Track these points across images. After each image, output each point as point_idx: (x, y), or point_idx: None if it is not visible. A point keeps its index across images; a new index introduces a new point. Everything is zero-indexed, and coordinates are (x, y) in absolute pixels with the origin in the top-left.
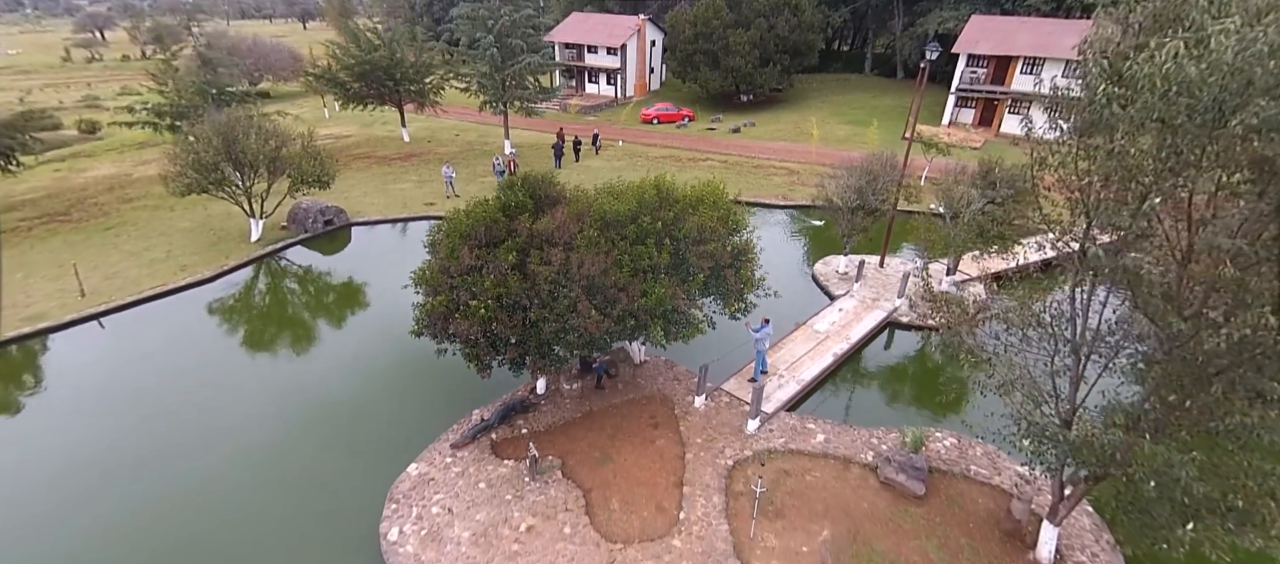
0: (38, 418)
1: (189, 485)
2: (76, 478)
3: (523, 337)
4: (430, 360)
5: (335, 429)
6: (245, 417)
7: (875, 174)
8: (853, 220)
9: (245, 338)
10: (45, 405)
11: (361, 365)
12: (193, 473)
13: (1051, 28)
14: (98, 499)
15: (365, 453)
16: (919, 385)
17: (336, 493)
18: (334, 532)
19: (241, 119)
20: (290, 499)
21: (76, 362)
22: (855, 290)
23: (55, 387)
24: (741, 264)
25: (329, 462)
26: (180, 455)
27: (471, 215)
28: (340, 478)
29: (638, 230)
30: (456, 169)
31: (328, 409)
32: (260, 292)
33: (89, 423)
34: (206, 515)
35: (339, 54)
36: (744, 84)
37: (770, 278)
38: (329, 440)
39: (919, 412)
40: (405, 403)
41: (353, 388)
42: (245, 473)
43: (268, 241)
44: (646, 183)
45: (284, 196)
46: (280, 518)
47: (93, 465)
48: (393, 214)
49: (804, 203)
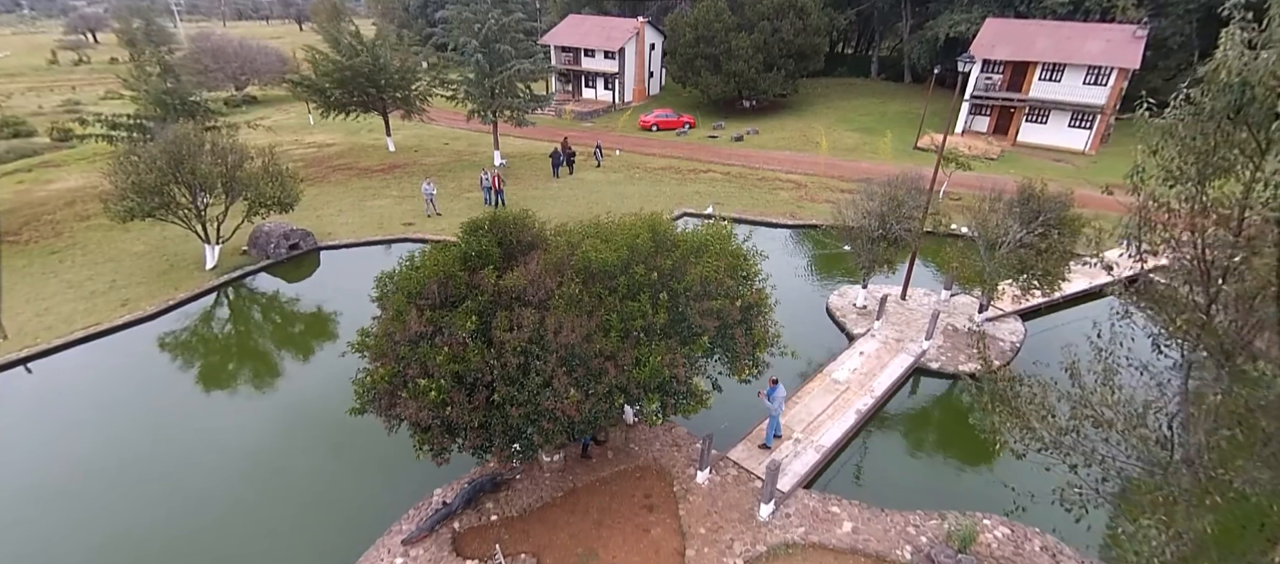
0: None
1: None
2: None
3: (486, 419)
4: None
5: (264, 515)
6: (149, 499)
7: (899, 198)
8: (875, 251)
9: (176, 389)
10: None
11: (305, 426)
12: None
13: (1072, 32)
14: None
15: (298, 551)
16: (957, 448)
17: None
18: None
19: (190, 136)
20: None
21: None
22: (876, 329)
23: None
24: (753, 320)
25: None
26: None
27: (423, 269)
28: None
29: (629, 283)
30: (443, 182)
31: (259, 487)
32: (208, 330)
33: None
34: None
35: (316, 60)
36: (747, 89)
37: (779, 311)
38: (252, 535)
39: (959, 482)
40: (353, 477)
41: (291, 458)
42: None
43: (224, 269)
44: (639, 223)
45: (243, 220)
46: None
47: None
48: (366, 235)
49: (814, 222)
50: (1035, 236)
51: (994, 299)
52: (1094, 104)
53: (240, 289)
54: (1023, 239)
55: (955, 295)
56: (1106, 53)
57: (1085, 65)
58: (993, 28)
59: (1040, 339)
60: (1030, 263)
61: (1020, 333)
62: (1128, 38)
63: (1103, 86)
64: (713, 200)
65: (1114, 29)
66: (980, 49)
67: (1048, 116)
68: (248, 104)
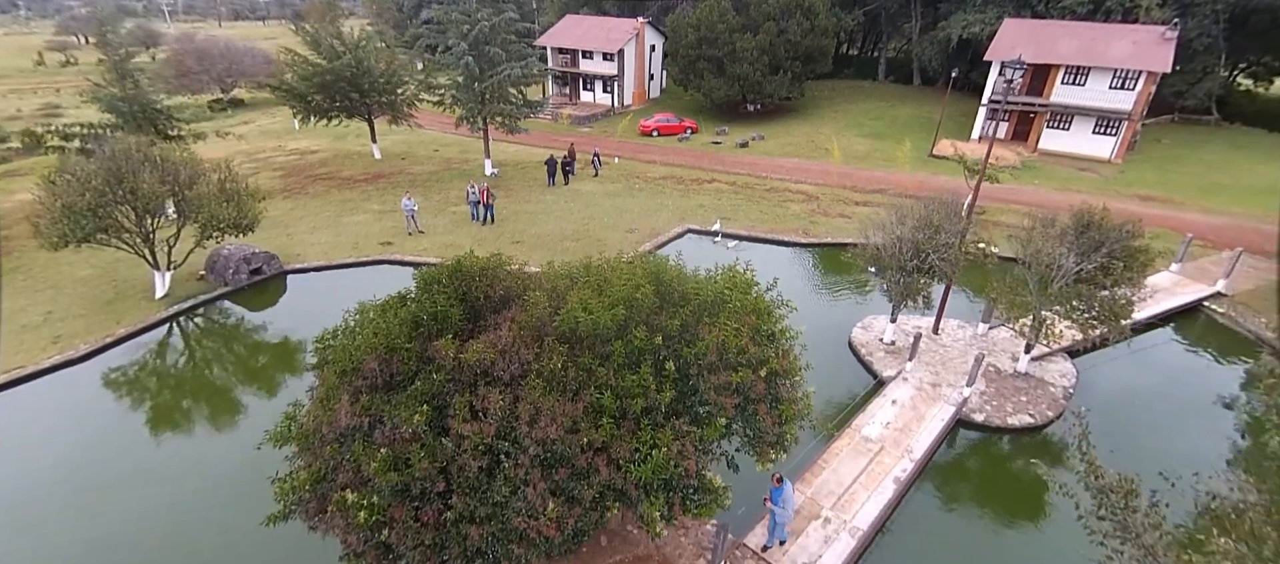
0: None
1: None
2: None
3: (439, 540)
4: None
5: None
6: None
7: (936, 222)
8: (909, 284)
9: (86, 454)
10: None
11: (252, 492)
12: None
13: (1097, 33)
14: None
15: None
16: (1012, 515)
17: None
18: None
19: (130, 151)
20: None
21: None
22: (908, 371)
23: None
24: (780, 390)
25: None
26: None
27: (360, 338)
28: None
29: (627, 350)
30: (428, 195)
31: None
32: (150, 371)
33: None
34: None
35: (294, 63)
36: (751, 93)
37: (794, 346)
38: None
39: (1021, 555)
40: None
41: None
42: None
43: (176, 298)
44: (639, 270)
45: (195, 245)
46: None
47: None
48: (338, 257)
49: (831, 240)
50: (1095, 268)
51: (1041, 336)
52: (1121, 109)
53: (194, 320)
54: (1082, 273)
55: (993, 328)
56: (1134, 55)
57: (1112, 68)
58: (1011, 28)
59: (1093, 377)
60: (1090, 299)
61: (1071, 375)
62: (1156, 39)
63: (1130, 91)
64: (719, 215)
65: (1141, 30)
66: (998, 51)
67: (1071, 122)
68: (234, 107)
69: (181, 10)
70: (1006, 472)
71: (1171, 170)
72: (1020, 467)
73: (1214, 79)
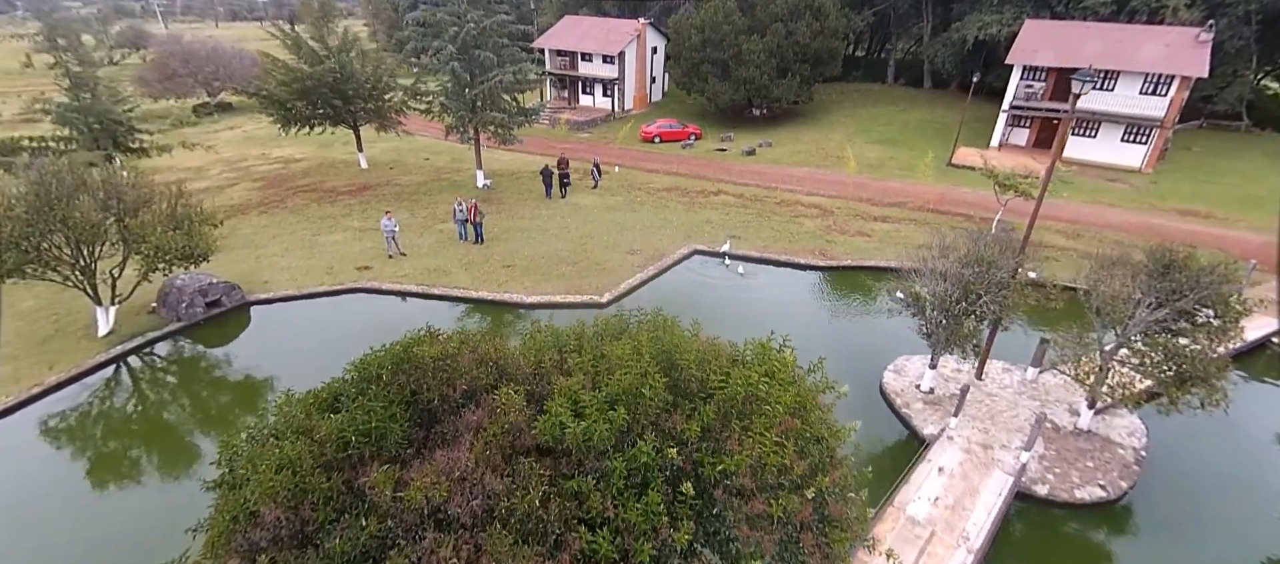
0: None
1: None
2: None
3: None
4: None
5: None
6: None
7: (989, 259)
8: (956, 330)
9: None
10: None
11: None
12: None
13: (1125, 35)
14: None
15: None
16: None
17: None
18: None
19: (61, 173)
20: None
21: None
22: (953, 428)
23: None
24: (830, 512)
25: None
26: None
27: (260, 472)
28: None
29: (630, 468)
30: (414, 210)
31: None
32: (85, 423)
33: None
34: None
35: (271, 68)
36: (758, 97)
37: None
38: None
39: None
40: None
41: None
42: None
43: (124, 335)
44: (645, 347)
45: (140, 279)
46: None
47: None
48: (309, 285)
49: (848, 262)
50: (1174, 312)
51: (1108, 390)
52: (1152, 116)
53: (145, 358)
54: (1163, 323)
55: (1044, 372)
56: (1167, 58)
57: (1142, 73)
58: (1033, 30)
59: (1162, 433)
60: (1175, 355)
61: (1140, 433)
62: (1190, 42)
63: (1162, 97)
64: (728, 234)
65: (1173, 32)
66: (1020, 54)
67: (1098, 130)
68: (222, 111)
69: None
70: (1073, 552)
71: (1206, 181)
72: (1096, 555)
73: (1244, 83)
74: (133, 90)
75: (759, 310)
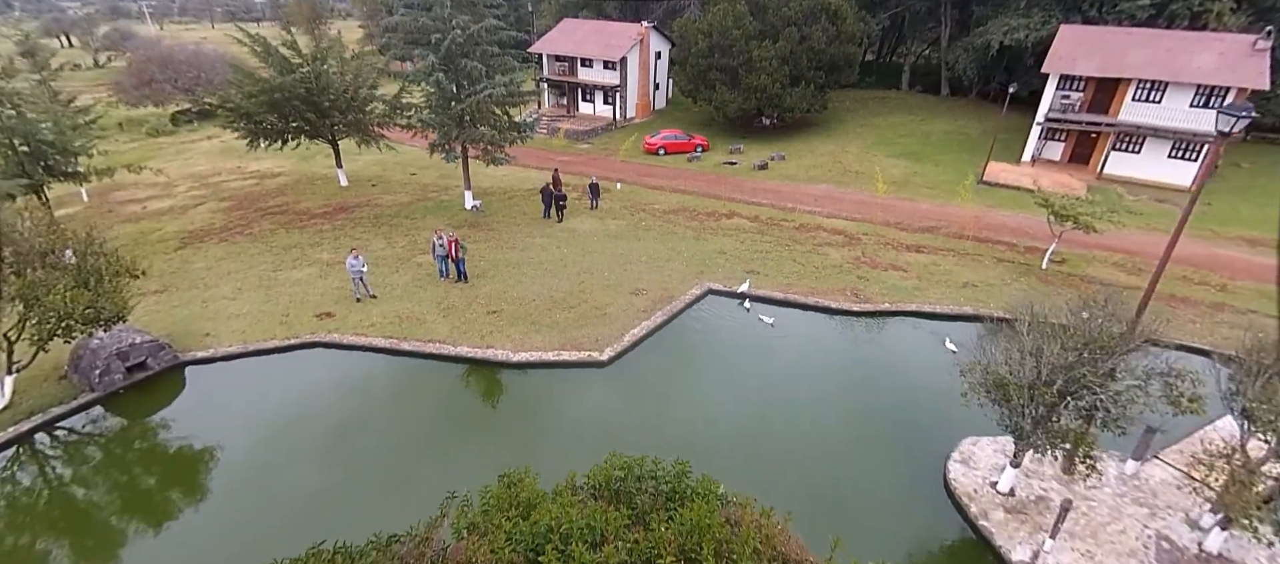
0: None
1: None
2: None
3: None
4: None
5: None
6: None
7: (1099, 339)
8: (1051, 427)
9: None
10: None
11: None
12: None
13: (1173, 43)
14: None
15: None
16: None
17: None
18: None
19: None
20: None
21: None
22: (1048, 553)
23: None
24: None
25: None
26: None
27: None
28: None
29: None
30: (392, 238)
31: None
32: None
33: None
34: None
35: (237, 79)
36: (770, 106)
37: (855, 478)
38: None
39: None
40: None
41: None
42: None
43: (23, 411)
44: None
45: (36, 350)
46: None
47: None
48: (257, 339)
49: (887, 307)
50: None
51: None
52: (1205, 132)
53: (56, 436)
54: None
55: (1145, 463)
56: (1222, 69)
57: (1194, 84)
58: (1070, 36)
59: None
60: None
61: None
62: (1246, 50)
63: (1215, 110)
64: (746, 270)
65: (1227, 39)
66: (1056, 62)
67: (1141, 145)
68: (202, 119)
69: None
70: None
71: (1266, 204)
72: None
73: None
74: (107, 97)
75: (786, 372)
